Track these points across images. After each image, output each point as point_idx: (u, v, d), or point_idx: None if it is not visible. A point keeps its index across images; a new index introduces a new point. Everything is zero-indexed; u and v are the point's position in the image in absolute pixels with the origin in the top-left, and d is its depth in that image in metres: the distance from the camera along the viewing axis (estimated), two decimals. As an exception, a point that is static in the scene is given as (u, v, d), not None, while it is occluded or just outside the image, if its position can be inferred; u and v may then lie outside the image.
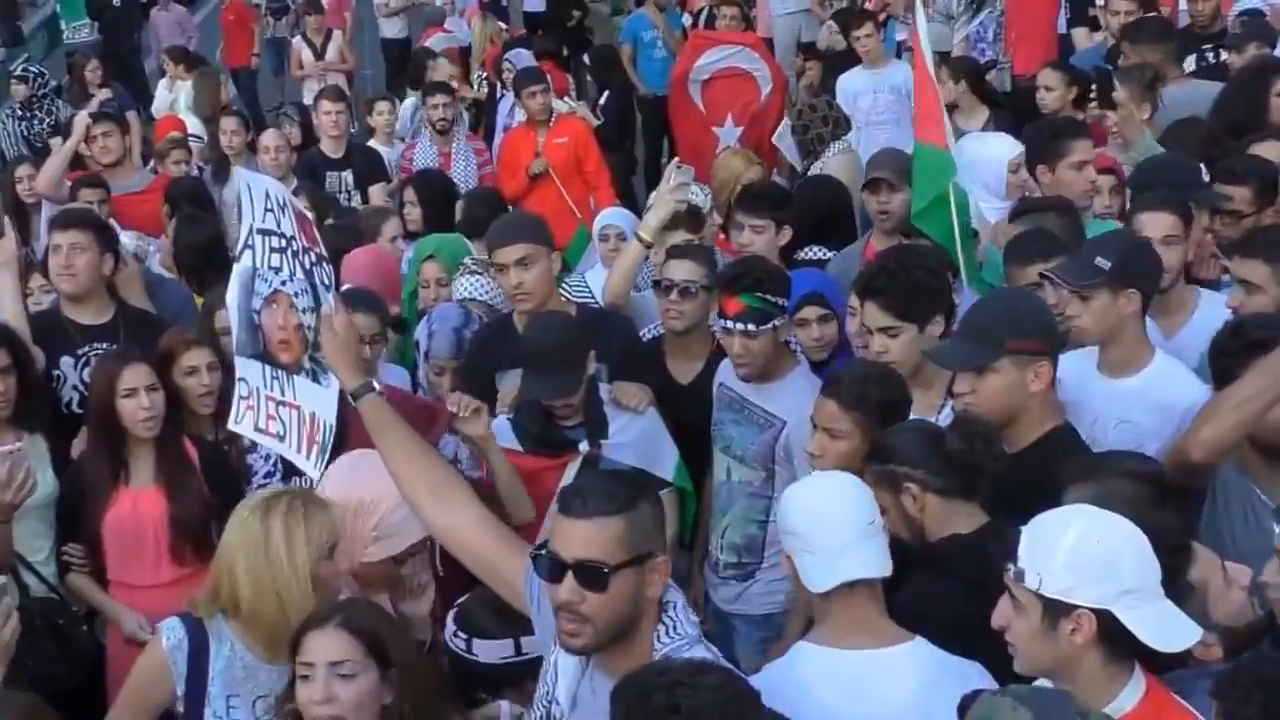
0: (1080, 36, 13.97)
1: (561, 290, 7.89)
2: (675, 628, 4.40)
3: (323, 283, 5.47)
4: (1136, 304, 6.26)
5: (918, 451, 5.35)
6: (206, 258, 9.59)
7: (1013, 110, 12.58)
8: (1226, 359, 5.78)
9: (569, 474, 6.62)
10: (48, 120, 16.73)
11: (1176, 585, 4.35)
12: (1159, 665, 4.30)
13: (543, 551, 4.41)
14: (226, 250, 10.13)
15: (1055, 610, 4.15)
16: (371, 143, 14.24)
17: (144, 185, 11.85)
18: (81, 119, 12.15)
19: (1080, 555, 4.13)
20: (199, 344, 7.39)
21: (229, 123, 13.57)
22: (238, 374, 5.79)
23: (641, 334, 7.97)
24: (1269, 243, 6.65)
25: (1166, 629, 4.15)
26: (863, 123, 12.83)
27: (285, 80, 24.74)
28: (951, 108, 12.10)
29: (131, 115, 16.70)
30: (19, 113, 16.72)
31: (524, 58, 16.79)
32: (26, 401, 7.15)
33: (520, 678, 5.26)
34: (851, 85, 13.67)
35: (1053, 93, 11.18)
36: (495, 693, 5.40)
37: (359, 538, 5.50)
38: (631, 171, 17.31)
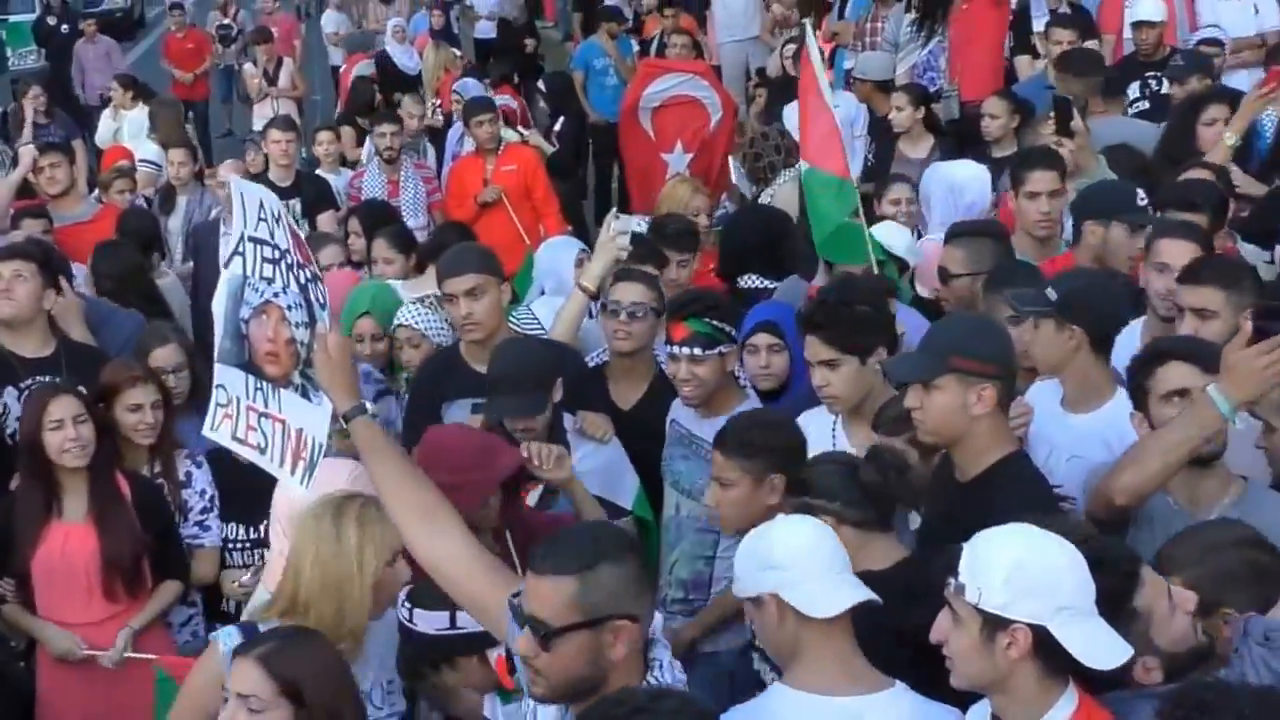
0: (1023, 64, 14.02)
1: (510, 322, 7.86)
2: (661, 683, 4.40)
3: (318, 301, 5.41)
4: (1079, 342, 6.24)
5: (833, 483, 5.34)
6: (124, 285, 9.62)
7: (959, 137, 12.62)
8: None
9: (529, 502, 6.56)
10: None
11: (1124, 609, 4.35)
12: (1100, 686, 4.32)
13: (516, 599, 4.37)
14: (149, 279, 10.14)
15: (993, 625, 4.16)
16: (320, 171, 14.20)
17: (91, 215, 11.77)
18: (28, 151, 12.07)
19: (1020, 572, 4.14)
20: (145, 381, 7.34)
21: (176, 154, 13.47)
22: (216, 381, 5.69)
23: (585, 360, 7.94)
24: (1220, 269, 6.64)
25: (1099, 646, 4.16)
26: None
27: (233, 107, 24.76)
28: (898, 134, 12.21)
29: (77, 144, 16.71)
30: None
31: (472, 87, 16.82)
32: None
33: (457, 651, 5.32)
34: (795, 115, 13.57)
35: (996, 120, 11.22)
36: (438, 667, 5.43)
37: None
38: (583, 197, 17.31)
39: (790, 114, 13.38)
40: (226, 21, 25.90)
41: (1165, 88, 11.54)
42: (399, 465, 5.19)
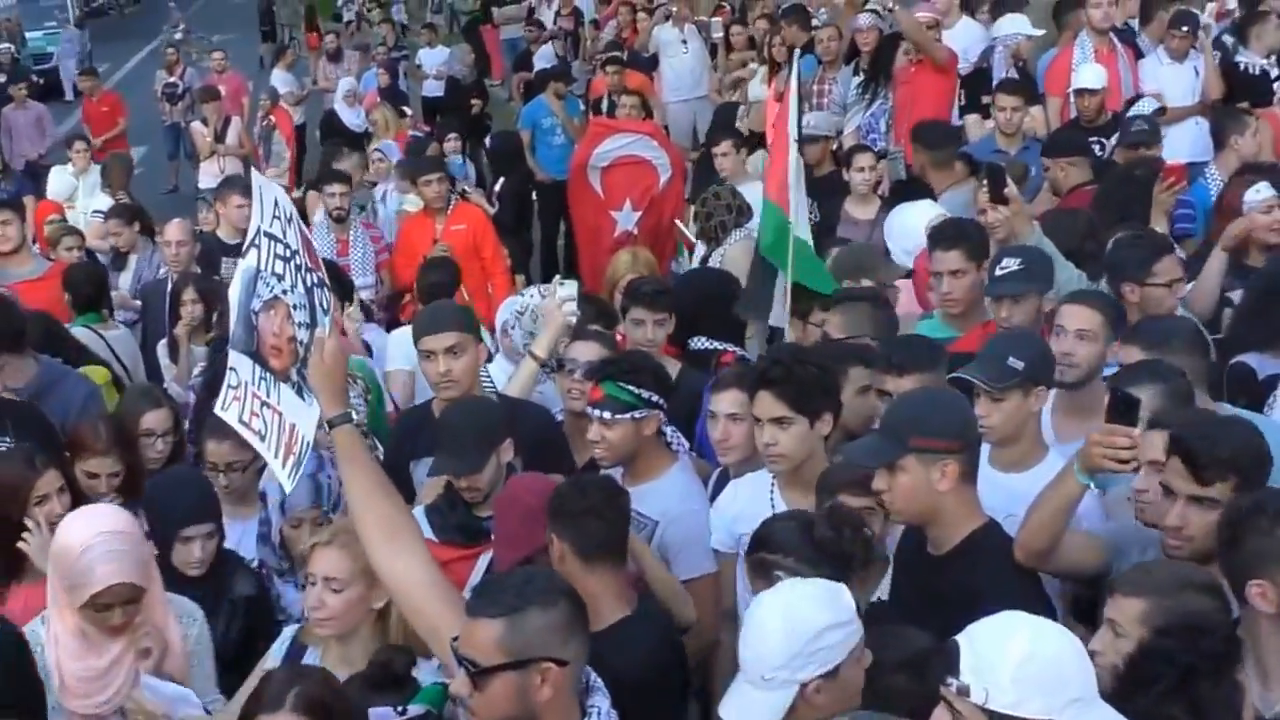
0: (973, 124, 14.15)
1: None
2: None
3: (321, 305, 5.51)
4: (1044, 399, 6.42)
5: (790, 539, 5.35)
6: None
7: (905, 199, 12.68)
8: None
9: (480, 565, 6.48)
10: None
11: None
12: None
13: (455, 642, 4.49)
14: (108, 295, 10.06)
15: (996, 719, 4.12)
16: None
17: (42, 272, 11.66)
18: None
19: (1028, 668, 4.07)
20: (105, 454, 7.22)
21: (113, 223, 13.37)
22: (229, 364, 5.77)
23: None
24: (1150, 331, 6.89)
25: None
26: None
27: (180, 164, 24.75)
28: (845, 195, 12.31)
29: (28, 199, 16.65)
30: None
31: (392, 149, 17.19)
32: None
33: None
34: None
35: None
36: None
37: (62, 582, 5.61)
38: (528, 256, 17.35)
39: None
40: (173, 80, 25.96)
41: (1108, 152, 11.69)
42: (372, 479, 5.26)
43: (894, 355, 6.92)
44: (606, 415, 6.82)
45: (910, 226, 9.66)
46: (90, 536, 5.61)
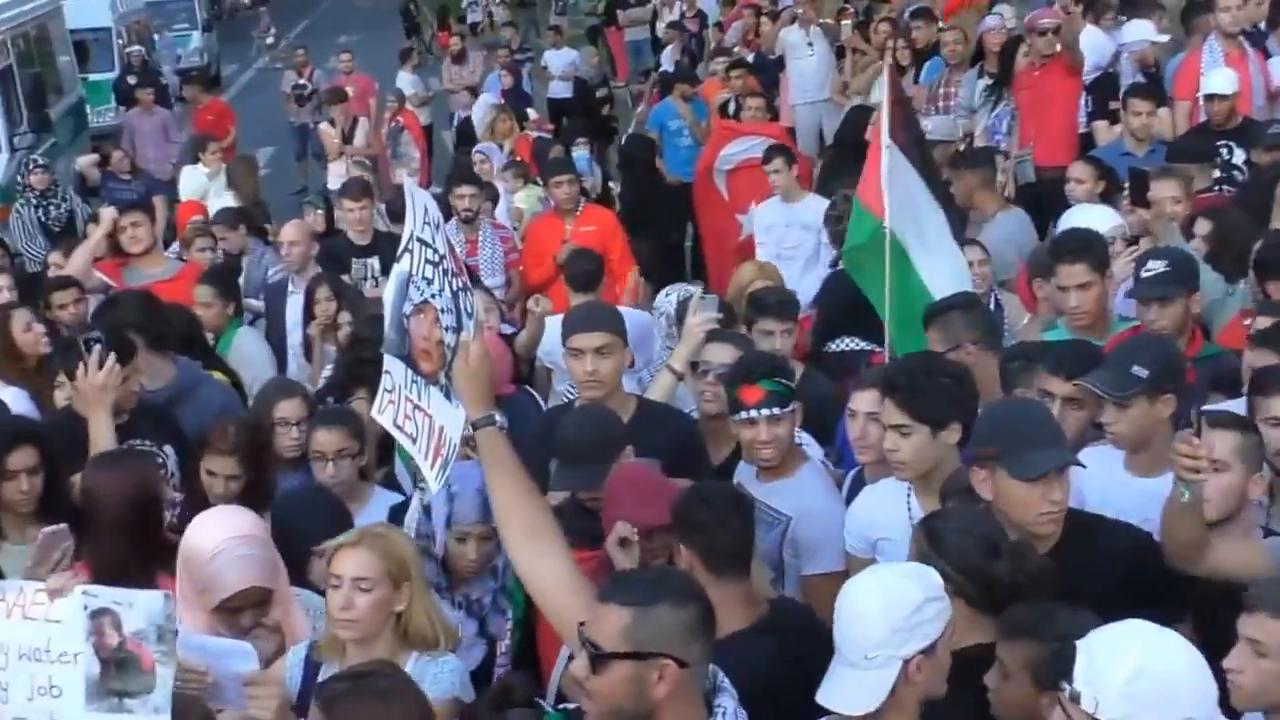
0: (1101, 130, 14.07)
1: None
2: None
3: (465, 309, 5.60)
4: (1172, 408, 6.36)
5: (970, 561, 5.29)
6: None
7: (1035, 200, 12.69)
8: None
9: None
10: (63, 206, 16.94)
11: None
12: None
13: (583, 625, 4.52)
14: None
15: None
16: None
17: (173, 273, 11.79)
18: (109, 212, 12.18)
19: (1139, 683, 4.13)
20: (227, 454, 7.24)
21: (219, 228, 13.47)
22: (384, 368, 5.82)
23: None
24: None
25: None
26: (773, 254, 12.66)
27: (308, 164, 24.97)
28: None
29: (158, 200, 16.87)
30: (34, 201, 16.88)
31: (493, 150, 17.27)
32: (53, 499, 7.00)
33: None
34: (765, 217, 13.49)
35: (1083, 185, 11.21)
36: None
37: (192, 584, 5.76)
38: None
39: (758, 215, 13.64)
40: (302, 81, 26.18)
41: (1236, 156, 11.62)
42: (516, 481, 5.34)
43: (1062, 360, 6.95)
44: (775, 411, 6.83)
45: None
46: (219, 541, 5.75)
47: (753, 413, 6.88)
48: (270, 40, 41.02)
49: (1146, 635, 4.26)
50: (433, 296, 5.60)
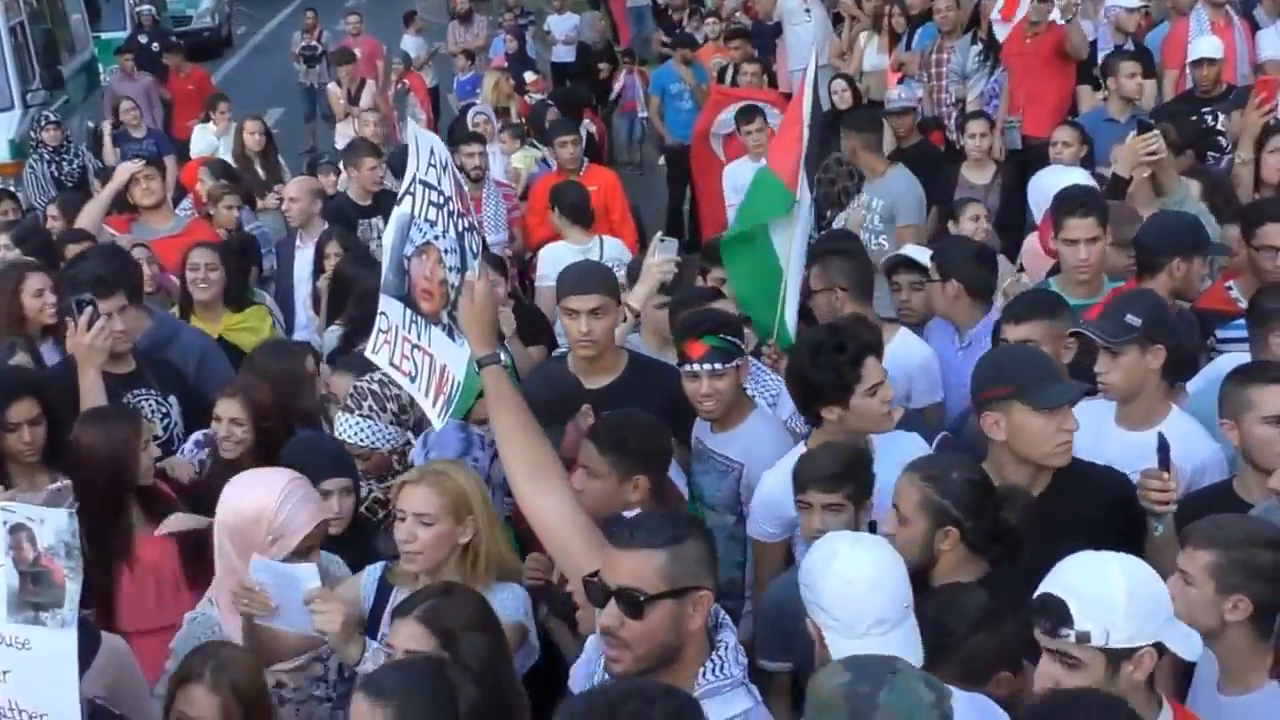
0: (1084, 95, 14.31)
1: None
2: (721, 667, 4.56)
3: (471, 249, 5.66)
4: (1162, 359, 6.55)
5: (973, 504, 5.50)
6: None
7: (1020, 166, 12.96)
8: None
9: None
10: (75, 162, 17.20)
11: None
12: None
13: (594, 578, 4.60)
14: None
15: (1118, 657, 4.46)
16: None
17: (181, 229, 11.95)
18: (127, 166, 12.32)
19: (1137, 600, 4.45)
20: (231, 395, 7.55)
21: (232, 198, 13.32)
22: (380, 309, 5.96)
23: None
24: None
25: (1191, 640, 4.57)
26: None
27: (316, 125, 25.13)
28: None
29: (169, 160, 17.11)
30: (48, 156, 17.17)
31: (485, 107, 17.36)
32: (56, 449, 7.18)
33: None
34: (737, 176, 13.53)
35: (1069, 149, 11.49)
36: None
37: (257, 543, 5.85)
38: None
39: (729, 174, 13.93)
40: (311, 42, 26.25)
41: (1220, 123, 11.90)
42: (519, 420, 5.41)
43: (1013, 306, 7.27)
44: (719, 366, 7.04)
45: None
46: (279, 490, 5.95)
47: (695, 366, 7.09)
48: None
49: (1111, 560, 4.55)
50: (435, 238, 5.69)
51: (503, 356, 5.63)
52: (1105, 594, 4.44)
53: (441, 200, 5.71)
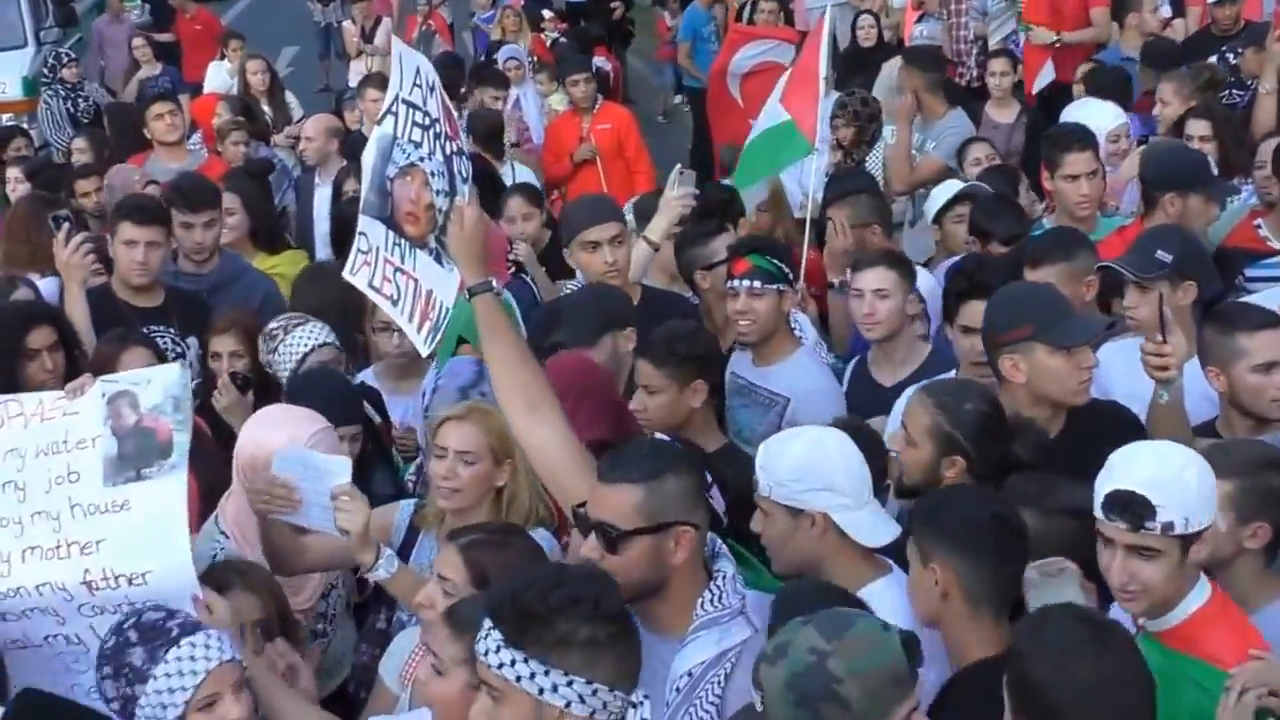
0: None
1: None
2: (720, 597, 4.54)
3: (460, 174, 5.50)
4: (1193, 295, 6.56)
5: (981, 435, 5.51)
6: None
7: (1047, 106, 12.92)
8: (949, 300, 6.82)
9: None
10: (91, 99, 17.29)
11: None
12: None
13: (582, 508, 4.61)
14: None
15: (1190, 541, 4.57)
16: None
17: (197, 166, 11.96)
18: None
19: (1203, 483, 4.60)
20: (226, 331, 7.71)
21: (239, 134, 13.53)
22: (359, 229, 5.79)
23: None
24: None
25: None
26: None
27: (330, 63, 25.09)
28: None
29: (184, 98, 17.07)
30: (64, 93, 17.20)
31: (521, 53, 17.30)
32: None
33: None
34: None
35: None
36: None
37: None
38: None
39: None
40: (325, -22, 26.16)
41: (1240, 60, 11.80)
42: (513, 349, 5.25)
43: (1030, 248, 7.17)
44: (756, 285, 7.03)
45: (1094, 126, 9.68)
46: (310, 432, 5.90)
47: (735, 283, 7.10)
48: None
49: (1169, 450, 4.74)
50: (421, 160, 5.52)
51: (495, 284, 5.46)
52: (1181, 483, 4.57)
53: (427, 122, 5.54)
